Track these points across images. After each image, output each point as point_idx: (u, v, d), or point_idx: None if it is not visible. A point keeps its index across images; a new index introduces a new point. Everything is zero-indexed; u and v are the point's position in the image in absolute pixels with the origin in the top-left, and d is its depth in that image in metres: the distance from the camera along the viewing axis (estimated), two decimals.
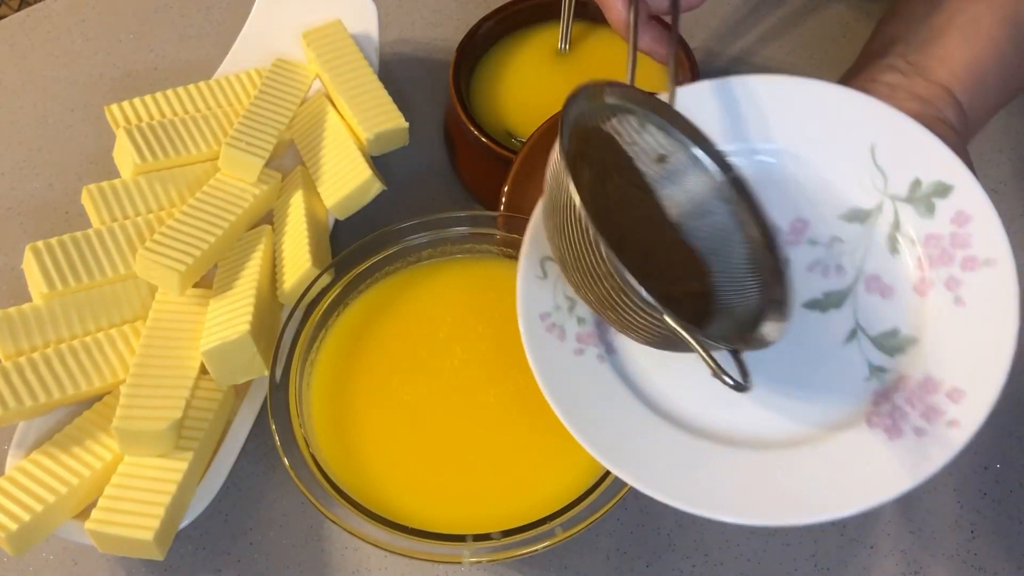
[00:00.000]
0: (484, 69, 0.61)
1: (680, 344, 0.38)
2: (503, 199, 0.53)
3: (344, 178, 0.56)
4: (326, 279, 0.51)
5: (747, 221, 0.44)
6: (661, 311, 0.37)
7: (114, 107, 0.58)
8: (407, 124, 0.58)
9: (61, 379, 0.49)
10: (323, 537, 0.51)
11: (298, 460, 0.46)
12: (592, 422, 0.41)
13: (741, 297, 0.43)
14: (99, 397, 0.51)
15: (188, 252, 0.52)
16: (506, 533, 0.44)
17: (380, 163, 0.59)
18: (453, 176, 0.61)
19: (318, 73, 0.61)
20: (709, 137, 0.44)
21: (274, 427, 0.46)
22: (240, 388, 0.52)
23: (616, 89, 0.42)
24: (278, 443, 0.46)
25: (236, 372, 0.50)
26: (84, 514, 0.47)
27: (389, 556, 0.50)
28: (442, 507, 0.46)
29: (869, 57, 0.48)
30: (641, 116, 0.43)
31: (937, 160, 0.43)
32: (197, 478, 0.49)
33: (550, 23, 0.62)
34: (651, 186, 0.44)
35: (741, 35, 0.70)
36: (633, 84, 0.44)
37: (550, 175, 0.40)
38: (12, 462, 0.48)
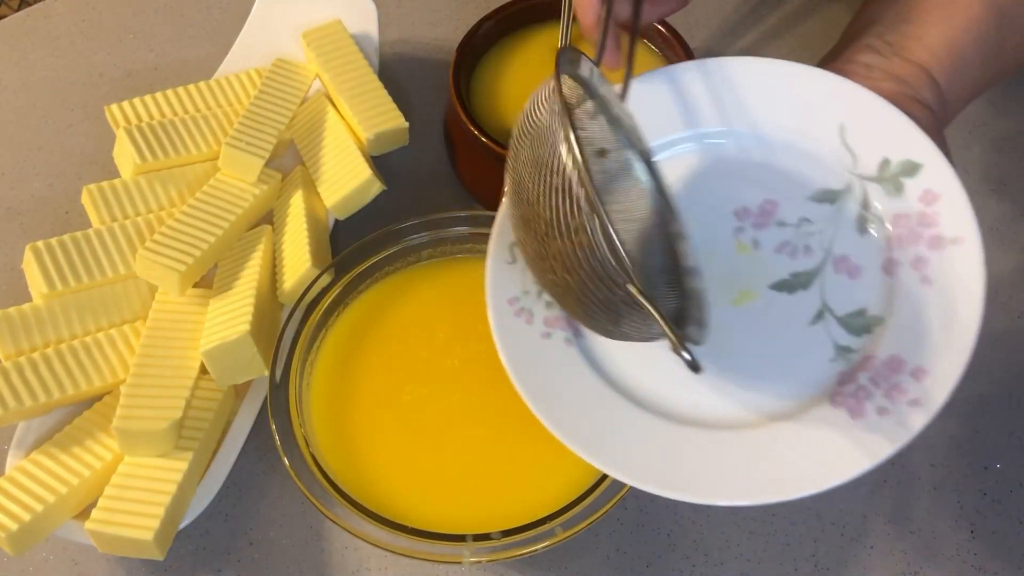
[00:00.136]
0: (484, 69, 0.61)
1: (630, 327, 0.37)
2: (503, 199, 0.53)
3: (344, 178, 0.56)
4: (326, 279, 0.51)
5: (667, 235, 0.42)
6: (630, 270, 0.35)
7: (114, 107, 0.58)
8: (407, 124, 0.58)
9: (61, 379, 0.49)
10: (323, 537, 0.51)
11: (298, 460, 0.46)
12: (558, 404, 0.41)
13: (662, 303, 0.41)
14: (99, 397, 0.51)
15: (188, 252, 0.52)
16: (506, 533, 0.44)
17: (380, 163, 0.59)
18: (453, 176, 0.61)
19: (318, 73, 0.61)
20: (647, 144, 0.43)
21: (274, 427, 0.46)
22: (240, 388, 0.52)
23: (586, 65, 0.41)
24: (278, 443, 0.46)
25: (236, 372, 0.50)
26: (84, 514, 0.47)
27: (389, 556, 0.50)
28: (442, 507, 0.46)
29: (848, 38, 0.48)
30: (598, 103, 0.42)
31: (906, 139, 0.42)
32: (197, 478, 0.49)
33: (550, 23, 0.62)
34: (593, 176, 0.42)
35: (741, 35, 0.70)
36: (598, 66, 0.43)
37: (529, 121, 0.39)
38: (12, 462, 0.48)
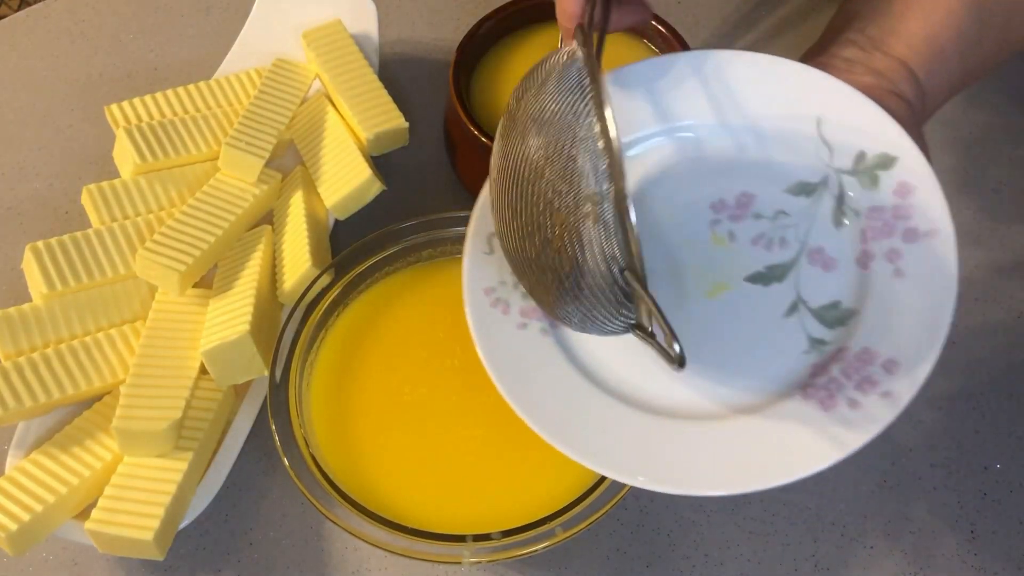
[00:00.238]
0: (484, 69, 0.61)
1: (601, 314, 0.37)
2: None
3: (344, 178, 0.56)
4: (326, 279, 0.51)
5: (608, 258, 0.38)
6: (637, 243, 0.34)
7: (114, 107, 0.58)
8: (407, 124, 0.58)
9: (61, 379, 0.49)
10: (323, 537, 0.51)
11: (298, 460, 0.46)
12: (531, 392, 0.41)
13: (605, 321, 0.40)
14: (99, 397, 0.51)
15: (188, 252, 0.52)
16: (506, 533, 0.44)
17: (380, 163, 0.59)
18: (453, 176, 0.61)
19: (318, 73, 0.61)
20: (619, 155, 0.38)
21: (274, 427, 0.46)
22: (240, 388, 0.52)
23: (586, 57, 0.39)
24: (278, 443, 0.46)
25: (236, 372, 0.50)
26: (84, 514, 0.47)
27: (389, 556, 0.50)
28: (442, 507, 0.46)
29: (830, 33, 0.48)
30: (584, 100, 0.39)
31: (882, 132, 0.43)
32: (197, 478, 0.49)
33: (550, 23, 0.62)
34: (561, 173, 0.39)
35: (741, 35, 0.70)
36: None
37: (534, 92, 0.38)
38: (12, 462, 0.48)
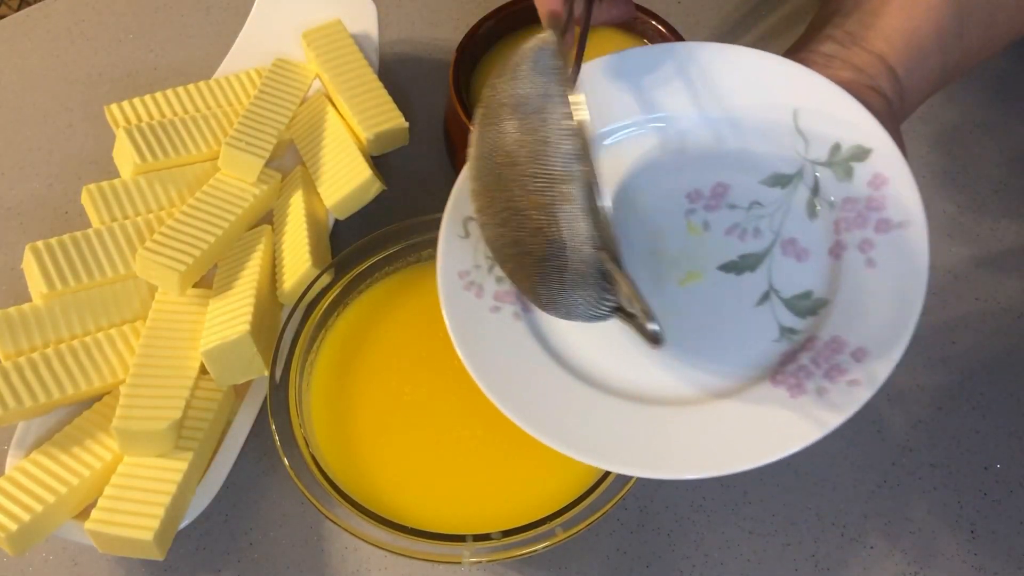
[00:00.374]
0: (484, 69, 0.61)
1: (581, 298, 0.37)
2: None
3: (344, 178, 0.56)
4: (326, 279, 0.51)
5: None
6: (611, 226, 0.34)
7: (114, 107, 0.58)
8: (407, 124, 0.58)
9: (61, 379, 0.49)
10: (323, 537, 0.51)
11: (298, 460, 0.46)
12: (501, 374, 0.41)
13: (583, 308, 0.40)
14: (99, 397, 0.51)
15: (188, 252, 0.52)
16: (506, 533, 0.44)
17: (380, 163, 0.59)
18: (453, 176, 0.61)
19: (318, 73, 0.61)
20: (588, 135, 0.38)
21: (274, 427, 0.46)
22: (240, 388, 0.52)
23: (558, 42, 0.40)
24: (278, 443, 0.46)
25: (236, 372, 0.50)
26: (84, 514, 0.47)
27: (389, 556, 0.50)
28: (442, 507, 0.46)
29: (813, 28, 0.48)
30: (555, 82, 0.39)
31: (858, 124, 0.43)
32: (197, 478, 0.49)
33: None
34: (536, 164, 0.38)
35: (741, 35, 0.70)
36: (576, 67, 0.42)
37: (511, 73, 0.39)
38: (12, 462, 0.48)
